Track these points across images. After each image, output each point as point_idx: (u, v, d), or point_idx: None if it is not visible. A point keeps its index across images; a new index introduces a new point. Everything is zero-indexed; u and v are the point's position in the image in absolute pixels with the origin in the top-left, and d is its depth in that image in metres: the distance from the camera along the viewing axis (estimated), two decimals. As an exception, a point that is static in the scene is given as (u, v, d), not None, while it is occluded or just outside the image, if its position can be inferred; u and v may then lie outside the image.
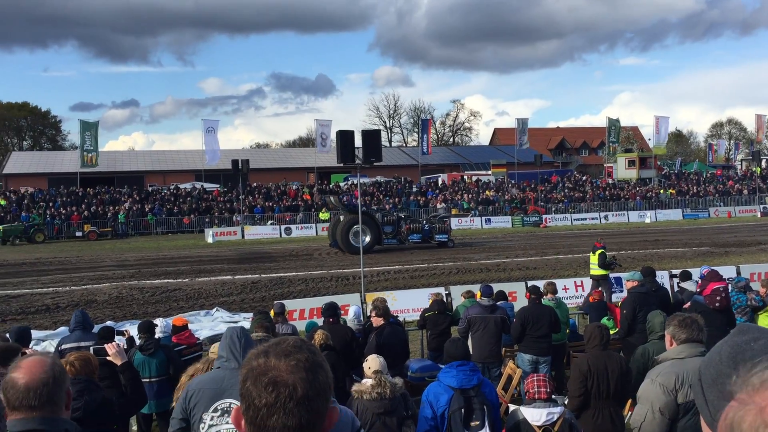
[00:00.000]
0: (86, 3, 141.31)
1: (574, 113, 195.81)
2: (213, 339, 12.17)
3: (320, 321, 11.47)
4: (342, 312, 10.64)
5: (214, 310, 16.57)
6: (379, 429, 5.03)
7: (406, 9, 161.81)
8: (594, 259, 16.36)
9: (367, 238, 28.78)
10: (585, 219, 48.87)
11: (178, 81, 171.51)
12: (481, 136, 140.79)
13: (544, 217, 47.87)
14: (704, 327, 4.75)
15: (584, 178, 63.42)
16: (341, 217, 29.83)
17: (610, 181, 62.62)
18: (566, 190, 57.17)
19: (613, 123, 68.13)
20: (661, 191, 58.64)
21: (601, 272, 16.10)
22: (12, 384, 2.32)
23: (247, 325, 14.55)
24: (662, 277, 14.99)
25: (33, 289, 20.63)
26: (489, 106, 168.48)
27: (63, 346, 7.69)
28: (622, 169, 65.43)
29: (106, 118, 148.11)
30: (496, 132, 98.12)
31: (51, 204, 45.07)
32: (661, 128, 67.32)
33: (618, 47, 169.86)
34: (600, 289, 14.50)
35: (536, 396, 5.05)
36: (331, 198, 40.05)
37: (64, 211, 43.74)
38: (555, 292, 10.19)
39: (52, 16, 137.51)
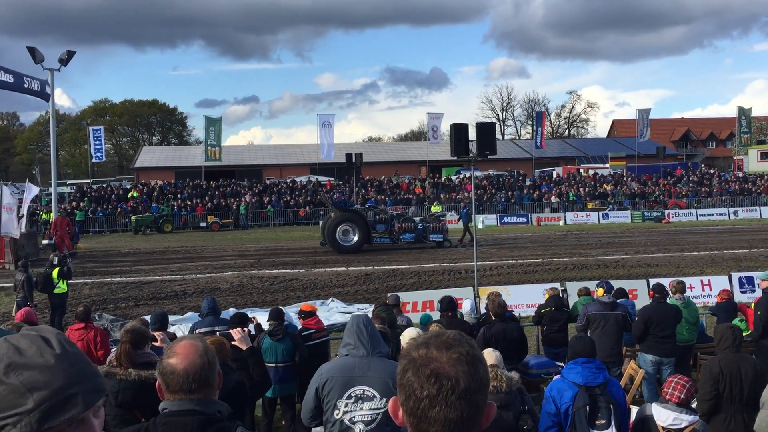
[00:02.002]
0: (211, 3, 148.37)
1: (701, 103, 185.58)
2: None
3: (434, 313, 11.52)
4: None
5: (330, 300, 16.96)
6: (495, 422, 4.97)
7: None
8: None
9: (356, 237, 28.22)
10: (712, 215, 46.17)
11: (296, 77, 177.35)
12: (599, 128, 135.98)
13: (666, 212, 45.70)
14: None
15: (712, 171, 59.90)
16: (332, 215, 29.62)
17: (740, 175, 58.78)
18: (691, 184, 54.26)
19: (745, 113, 63.92)
20: (798, 185, 54.45)
21: None
22: (171, 369, 2.44)
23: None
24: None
25: (162, 276, 21.91)
26: (607, 97, 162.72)
27: (197, 331, 8.13)
28: (754, 162, 61.33)
29: (228, 114, 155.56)
30: (615, 124, 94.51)
31: (178, 196, 47.70)
32: (799, 118, 62.53)
33: (752, 32, 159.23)
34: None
35: (668, 397, 4.84)
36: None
37: (189, 203, 46.16)
38: (683, 291, 9.66)
39: (181, 17, 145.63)
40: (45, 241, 30.56)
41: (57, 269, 14.48)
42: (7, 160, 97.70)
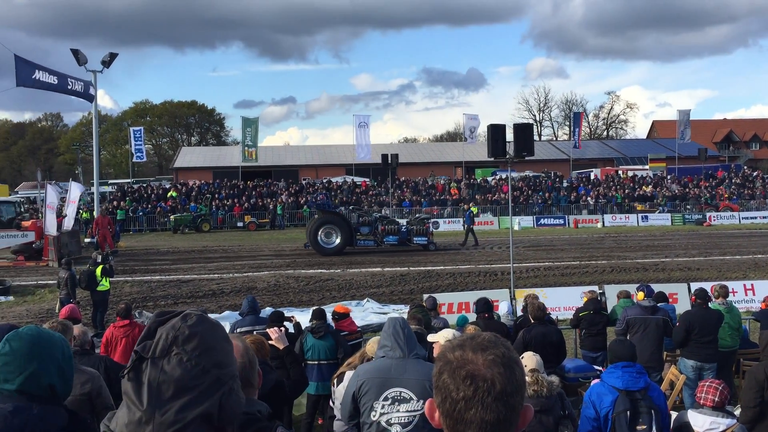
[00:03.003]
0: (250, 5, 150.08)
1: (744, 103, 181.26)
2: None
3: (470, 315, 11.47)
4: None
5: (365, 300, 17.00)
6: (536, 427, 4.93)
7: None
8: None
9: (338, 239, 27.98)
10: (755, 218, 45.08)
11: (333, 77, 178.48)
12: (638, 129, 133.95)
13: (707, 215, 44.76)
14: None
15: (755, 173, 58.50)
16: (315, 216, 29.52)
17: (785, 177, 57.32)
18: (734, 187, 53.06)
19: (790, 113, 62.31)
20: None
21: None
22: None
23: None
24: None
25: (200, 275, 22.21)
26: (647, 97, 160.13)
27: (238, 330, 8.22)
28: (799, 164, 59.73)
29: (265, 115, 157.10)
30: (655, 124, 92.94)
31: (216, 196, 48.31)
32: None
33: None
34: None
35: (702, 402, 4.75)
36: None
37: (227, 203, 46.72)
38: (726, 295, 9.43)
39: (220, 19, 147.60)
40: (87, 240, 31.22)
41: (100, 267, 14.79)
42: (51, 160, 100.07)
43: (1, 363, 2.34)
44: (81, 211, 40.66)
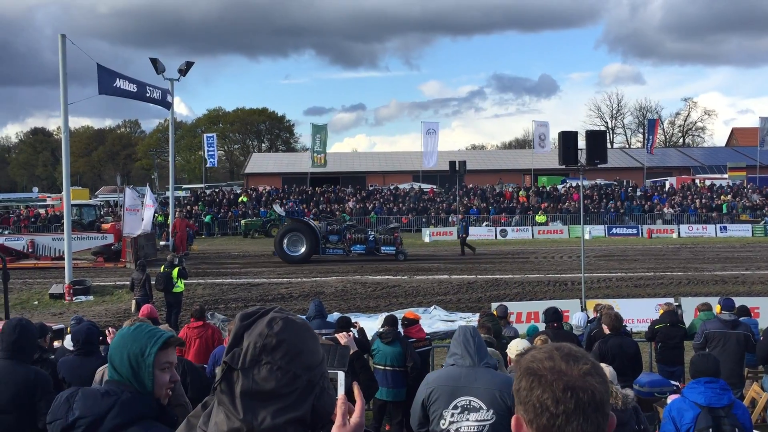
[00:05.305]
0: (322, 12, 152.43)
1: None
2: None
3: (540, 325, 11.28)
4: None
5: (432, 308, 16.96)
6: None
7: (640, 0, 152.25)
8: None
9: (303, 248, 27.45)
10: (843, 229, 42.67)
11: (402, 84, 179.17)
12: (716, 136, 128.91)
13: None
14: None
15: (843, 183, 55.48)
16: (284, 224, 29.35)
17: None
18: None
19: None
20: None
21: None
22: None
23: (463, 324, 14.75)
24: None
25: (270, 279, 22.62)
26: (727, 104, 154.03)
27: None
28: None
29: (335, 122, 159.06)
30: (734, 132, 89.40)
31: (285, 201, 49.11)
32: None
33: None
34: None
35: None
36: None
37: (296, 208, 47.43)
38: (814, 310, 8.99)
39: (293, 27, 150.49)
40: (162, 243, 32.24)
41: (177, 269, 15.25)
42: (129, 165, 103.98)
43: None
44: (156, 215, 42.12)
